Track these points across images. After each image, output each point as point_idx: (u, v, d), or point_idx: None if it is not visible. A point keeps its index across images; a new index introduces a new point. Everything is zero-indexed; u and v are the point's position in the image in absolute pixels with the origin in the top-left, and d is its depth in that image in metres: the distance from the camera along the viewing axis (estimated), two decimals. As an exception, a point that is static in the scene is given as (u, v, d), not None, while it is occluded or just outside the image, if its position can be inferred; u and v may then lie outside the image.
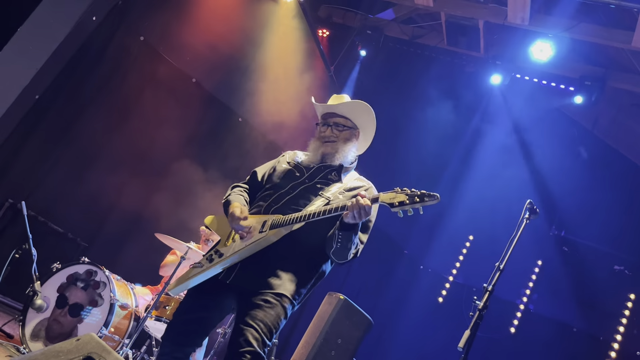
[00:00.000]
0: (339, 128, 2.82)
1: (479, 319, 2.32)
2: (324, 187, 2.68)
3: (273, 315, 2.41)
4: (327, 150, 2.79)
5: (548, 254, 8.38)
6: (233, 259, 2.50)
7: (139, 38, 5.97)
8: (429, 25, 7.80)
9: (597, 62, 6.99)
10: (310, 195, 2.65)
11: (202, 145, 6.64)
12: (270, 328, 2.40)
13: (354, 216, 2.35)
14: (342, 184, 2.72)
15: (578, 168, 7.95)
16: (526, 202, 2.64)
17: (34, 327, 4.17)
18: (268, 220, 2.53)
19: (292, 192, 2.66)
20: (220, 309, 2.58)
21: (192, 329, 2.56)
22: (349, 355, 5.46)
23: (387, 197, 2.37)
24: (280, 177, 2.77)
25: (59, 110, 5.42)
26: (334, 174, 2.75)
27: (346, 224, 2.42)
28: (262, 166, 2.95)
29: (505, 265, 2.61)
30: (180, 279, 2.61)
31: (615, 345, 7.54)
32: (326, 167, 2.78)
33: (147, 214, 6.24)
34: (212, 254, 2.59)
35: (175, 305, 4.33)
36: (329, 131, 2.82)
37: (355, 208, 2.34)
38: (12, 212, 5.21)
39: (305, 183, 2.70)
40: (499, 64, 7.14)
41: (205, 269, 2.53)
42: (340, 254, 2.53)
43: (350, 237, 2.46)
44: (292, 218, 2.48)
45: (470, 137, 8.22)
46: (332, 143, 2.79)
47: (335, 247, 2.50)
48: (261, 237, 2.48)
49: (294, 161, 2.87)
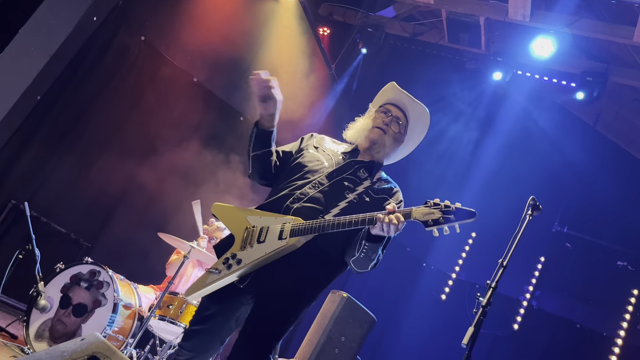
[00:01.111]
0: (396, 123, 2.62)
1: (482, 315, 2.31)
2: (350, 185, 2.50)
3: (282, 318, 2.36)
4: (376, 138, 2.58)
5: (551, 250, 8.37)
6: (252, 267, 2.38)
7: (140, 38, 5.97)
8: (430, 23, 7.79)
9: (599, 57, 6.98)
10: (336, 194, 2.46)
11: (204, 145, 6.64)
12: (280, 332, 2.35)
13: (384, 230, 2.19)
14: (369, 182, 2.54)
15: (580, 164, 7.94)
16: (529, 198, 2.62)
17: (38, 327, 4.18)
18: (287, 224, 2.37)
19: (316, 189, 2.46)
20: (237, 314, 2.49)
21: (211, 336, 2.46)
22: (352, 353, 5.47)
23: (420, 214, 2.20)
24: (307, 167, 2.55)
25: (61, 111, 5.43)
26: (362, 171, 2.57)
27: (374, 235, 2.28)
28: (285, 145, 2.73)
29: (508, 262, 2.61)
30: (196, 284, 2.45)
31: (618, 340, 7.54)
32: (356, 162, 2.58)
33: (150, 214, 6.25)
34: (228, 258, 2.42)
35: (179, 305, 4.33)
36: (389, 119, 2.60)
37: (385, 223, 2.17)
38: (15, 213, 5.22)
39: (333, 177, 2.50)
40: (501, 60, 7.13)
41: (223, 276, 2.38)
42: (362, 263, 2.40)
43: (376, 249, 2.32)
44: (314, 227, 2.30)
45: (472, 134, 8.21)
46: (385, 134, 2.59)
47: (358, 256, 2.36)
48: (282, 246, 2.34)
49: (322, 148, 2.66)
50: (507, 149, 8.02)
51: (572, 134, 7.79)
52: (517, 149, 8.00)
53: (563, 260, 8.22)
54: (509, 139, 8.03)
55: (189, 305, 4.35)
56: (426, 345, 8.16)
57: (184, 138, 6.50)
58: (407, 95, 2.67)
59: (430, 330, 8.28)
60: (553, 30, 6.45)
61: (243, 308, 2.46)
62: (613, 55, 6.99)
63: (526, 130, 8.02)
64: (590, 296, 7.85)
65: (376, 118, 2.64)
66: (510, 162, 7.91)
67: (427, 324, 8.37)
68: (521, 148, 8.00)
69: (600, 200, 7.76)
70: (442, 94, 7.78)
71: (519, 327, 8.16)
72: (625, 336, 7.55)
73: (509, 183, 7.63)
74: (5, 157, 5.09)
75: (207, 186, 6.40)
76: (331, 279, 2.56)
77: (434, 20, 7.69)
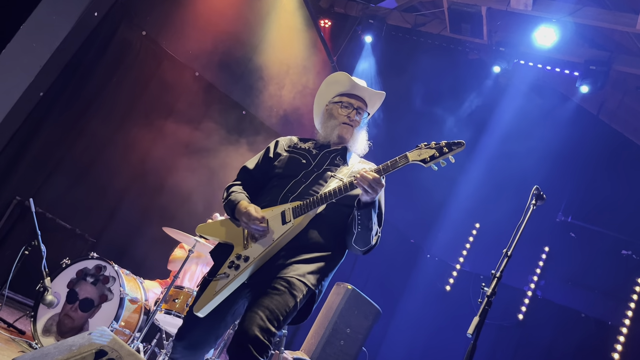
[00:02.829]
0: (360, 113, 2.77)
1: (487, 305, 2.32)
2: (332, 173, 2.59)
3: (280, 301, 2.27)
4: (344, 134, 2.72)
5: (555, 240, 8.37)
6: (262, 260, 2.38)
7: (141, 33, 5.97)
8: (432, 13, 7.76)
9: (602, 46, 6.94)
10: (323, 181, 2.57)
11: (205, 139, 6.64)
12: (277, 315, 2.25)
13: (367, 190, 2.30)
14: (349, 166, 2.65)
15: (584, 153, 7.92)
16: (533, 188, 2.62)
17: (45, 322, 4.21)
18: (286, 209, 2.45)
19: (305, 180, 2.55)
20: (234, 308, 2.46)
21: (206, 331, 2.44)
22: (358, 345, 5.49)
23: (416, 155, 2.35)
24: (287, 166, 2.65)
25: (64, 106, 5.44)
26: (338, 158, 2.68)
27: (364, 202, 2.37)
28: (250, 160, 2.81)
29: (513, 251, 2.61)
30: (205, 297, 2.38)
31: (624, 329, 7.55)
32: (331, 152, 2.70)
33: (154, 208, 6.26)
34: (233, 260, 2.42)
35: (185, 299, 4.35)
36: (354, 114, 2.75)
37: (364, 182, 2.29)
38: (20, 210, 5.24)
39: (315, 171, 2.61)
40: (503, 50, 7.11)
41: (234, 278, 2.36)
42: (363, 237, 2.44)
43: (369, 214, 2.39)
44: (316, 200, 2.41)
45: (475, 124, 8.20)
46: (351, 128, 2.72)
47: (357, 231, 2.42)
48: (289, 229, 2.39)
49: (294, 148, 2.76)
50: (510, 139, 8.01)
51: (575, 123, 7.76)
52: (520, 139, 7.99)
53: (567, 250, 8.22)
54: (511, 129, 8.02)
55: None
56: (431, 336, 8.19)
57: (186, 132, 6.51)
58: (360, 85, 2.79)
59: (435, 320, 8.31)
60: (556, 19, 6.42)
61: (240, 301, 2.44)
62: (616, 43, 6.95)
63: (529, 120, 8.00)
64: (595, 285, 7.85)
65: (340, 115, 2.75)
66: (513, 152, 7.90)
67: (431, 315, 8.40)
68: (524, 138, 7.98)
69: (604, 189, 7.75)
70: (444, 85, 7.77)
71: (524, 317, 8.17)
72: (630, 325, 7.56)
73: (512, 173, 7.63)
74: (10, 154, 5.11)
75: (210, 179, 6.41)
76: (330, 268, 2.53)
77: (436, 11, 7.66)
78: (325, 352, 5.25)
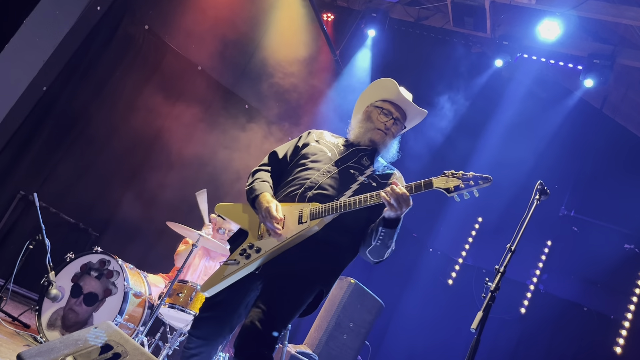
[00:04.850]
0: (397, 124, 2.77)
1: (491, 300, 2.32)
2: (356, 172, 2.59)
3: (288, 298, 2.33)
4: (377, 139, 2.72)
5: (558, 234, 8.36)
6: (272, 254, 2.39)
7: (144, 27, 5.97)
8: (435, 7, 7.73)
9: (606, 39, 6.91)
10: (345, 179, 2.55)
11: (209, 133, 6.65)
12: (284, 312, 2.31)
13: (394, 206, 2.26)
14: (373, 169, 2.65)
15: (587, 147, 7.90)
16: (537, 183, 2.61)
17: (50, 316, 4.24)
18: (305, 209, 2.44)
19: (325, 176, 2.54)
20: (247, 300, 2.49)
21: (220, 322, 2.48)
22: (361, 339, 5.51)
23: (441, 183, 2.31)
24: (312, 158, 2.65)
25: (67, 101, 5.45)
26: (365, 159, 2.68)
27: (389, 219, 2.34)
28: (281, 146, 2.82)
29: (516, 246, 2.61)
30: (213, 278, 2.43)
31: (626, 323, 7.55)
32: (360, 150, 2.70)
33: (158, 203, 6.28)
34: (245, 249, 2.45)
35: (189, 293, 4.37)
36: (391, 123, 2.74)
37: (393, 196, 2.26)
38: (24, 204, 5.27)
39: (339, 166, 2.60)
40: (506, 44, 7.08)
41: (243, 266, 2.38)
42: (379, 252, 2.45)
43: (392, 234, 2.37)
44: (333, 207, 2.38)
45: (478, 118, 8.17)
46: (386, 135, 2.72)
47: (375, 244, 2.41)
48: (304, 229, 2.38)
49: (324, 141, 2.77)
50: (512, 133, 7.99)
51: (579, 117, 7.74)
52: (523, 133, 7.97)
53: (570, 244, 8.21)
54: (514, 123, 7.99)
55: (199, 293, 4.39)
56: (434, 330, 8.21)
57: (189, 126, 6.51)
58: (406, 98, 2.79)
59: (438, 314, 8.32)
60: (559, 12, 6.38)
61: (252, 294, 2.47)
62: (620, 36, 6.92)
63: (532, 114, 7.97)
64: (597, 279, 7.84)
65: (378, 120, 2.75)
66: (516, 146, 7.88)
67: (434, 309, 8.40)
68: (527, 132, 7.96)
69: (607, 183, 7.73)
70: (447, 79, 7.74)
71: (526, 310, 8.18)
72: (632, 319, 7.56)
73: (514, 167, 7.61)
74: (13, 148, 5.13)
75: (213, 175, 6.42)
76: (341, 268, 2.57)
77: (439, 4, 7.63)
78: (328, 346, 5.27)
